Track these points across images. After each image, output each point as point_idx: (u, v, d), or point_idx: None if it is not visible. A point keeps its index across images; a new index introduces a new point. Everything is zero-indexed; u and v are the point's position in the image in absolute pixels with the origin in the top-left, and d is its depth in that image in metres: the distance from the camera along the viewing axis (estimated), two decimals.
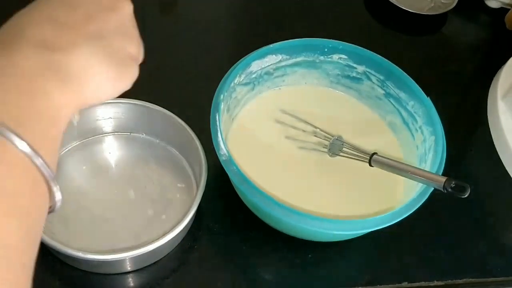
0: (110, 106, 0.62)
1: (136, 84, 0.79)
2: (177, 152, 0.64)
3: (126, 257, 0.52)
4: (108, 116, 0.63)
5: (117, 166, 0.63)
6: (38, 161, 0.27)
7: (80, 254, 0.50)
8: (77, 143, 0.63)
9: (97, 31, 0.32)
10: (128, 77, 0.35)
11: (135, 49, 0.36)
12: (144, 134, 0.65)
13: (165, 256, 0.57)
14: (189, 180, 0.62)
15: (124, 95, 0.64)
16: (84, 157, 0.62)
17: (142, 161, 0.63)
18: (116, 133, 0.65)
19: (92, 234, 0.56)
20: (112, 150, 0.64)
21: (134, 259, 0.54)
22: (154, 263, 0.57)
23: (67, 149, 0.62)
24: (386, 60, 0.66)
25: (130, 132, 0.65)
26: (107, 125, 0.64)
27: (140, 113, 0.62)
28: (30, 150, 0.26)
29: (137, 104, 0.61)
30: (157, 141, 0.65)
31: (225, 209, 0.62)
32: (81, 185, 0.60)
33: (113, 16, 0.34)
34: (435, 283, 0.60)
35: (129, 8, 0.36)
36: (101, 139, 0.64)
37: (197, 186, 0.57)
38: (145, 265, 0.57)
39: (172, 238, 0.52)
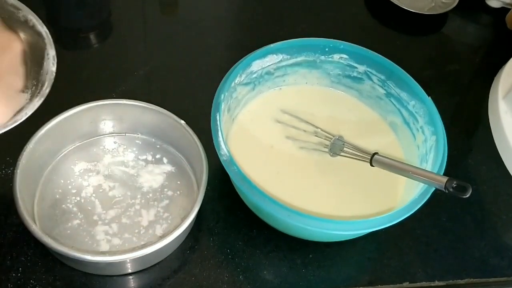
0: (110, 107, 0.61)
1: (137, 85, 0.80)
2: (178, 153, 0.64)
3: (127, 258, 0.52)
4: (107, 117, 0.62)
5: (117, 167, 0.62)
6: None
7: (80, 256, 0.50)
8: (76, 145, 0.63)
9: None
10: None
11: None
12: (144, 135, 0.65)
13: (166, 257, 0.57)
14: (190, 180, 0.62)
15: (125, 95, 0.64)
16: (83, 159, 0.62)
17: (142, 162, 0.63)
18: (115, 134, 0.64)
19: (92, 235, 0.56)
20: (111, 151, 0.64)
21: (135, 260, 0.53)
22: (155, 264, 0.57)
23: (66, 151, 0.62)
24: (387, 59, 0.65)
25: (128, 133, 0.65)
26: (106, 126, 0.63)
27: (140, 114, 0.62)
28: None
29: (138, 105, 0.61)
30: (158, 141, 0.65)
31: (226, 209, 0.62)
32: (80, 187, 0.60)
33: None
34: (436, 283, 0.60)
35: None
36: (100, 140, 0.64)
37: (198, 187, 0.57)
38: (146, 267, 0.57)
39: (173, 240, 0.52)
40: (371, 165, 0.59)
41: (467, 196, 0.50)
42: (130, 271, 0.56)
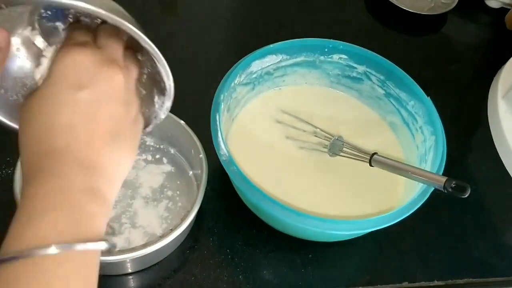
0: None
1: None
2: (178, 153, 0.64)
3: (127, 258, 0.52)
4: None
5: None
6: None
7: None
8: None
9: (112, 130, 0.36)
10: (137, 140, 0.40)
11: (135, 110, 0.40)
12: (144, 135, 0.65)
13: (165, 257, 0.57)
14: (189, 180, 0.62)
15: None
16: None
17: (142, 162, 0.63)
18: None
19: None
20: None
21: (135, 260, 0.54)
22: (155, 264, 0.57)
23: None
24: (387, 60, 0.66)
25: None
26: None
27: None
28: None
29: None
30: (157, 141, 0.65)
31: (226, 209, 0.62)
32: None
33: (113, 94, 0.37)
34: (436, 283, 0.60)
35: (119, 78, 0.37)
36: None
37: (198, 187, 0.57)
38: (146, 267, 0.57)
39: (172, 240, 0.52)
40: (371, 165, 0.59)
41: (466, 196, 0.51)
42: (130, 271, 0.56)
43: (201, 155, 0.58)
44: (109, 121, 0.36)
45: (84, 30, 0.39)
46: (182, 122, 0.60)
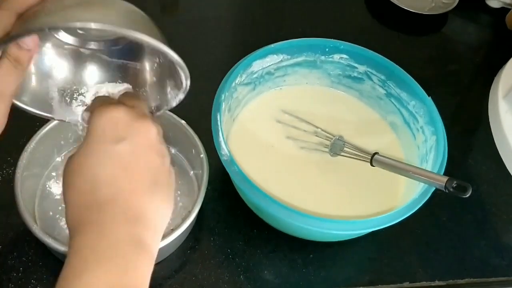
0: None
1: None
2: (178, 153, 0.64)
3: None
4: None
5: None
6: None
7: None
8: (77, 145, 0.63)
9: (151, 179, 0.38)
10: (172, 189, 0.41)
11: (169, 162, 0.41)
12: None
13: (166, 257, 0.57)
14: (190, 180, 0.62)
15: None
16: None
17: None
18: None
19: None
20: None
21: None
22: (156, 263, 0.57)
23: (66, 151, 0.62)
24: (387, 60, 0.66)
25: None
26: None
27: None
28: None
29: None
30: None
31: (226, 209, 0.62)
32: None
33: (150, 145, 0.39)
34: (437, 283, 0.60)
35: (153, 130, 0.40)
36: None
37: (199, 187, 0.57)
38: None
39: (173, 240, 0.52)
40: (372, 165, 0.59)
41: (467, 196, 0.51)
42: None
43: (202, 155, 0.58)
44: (148, 171, 0.38)
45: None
46: (183, 122, 0.60)
